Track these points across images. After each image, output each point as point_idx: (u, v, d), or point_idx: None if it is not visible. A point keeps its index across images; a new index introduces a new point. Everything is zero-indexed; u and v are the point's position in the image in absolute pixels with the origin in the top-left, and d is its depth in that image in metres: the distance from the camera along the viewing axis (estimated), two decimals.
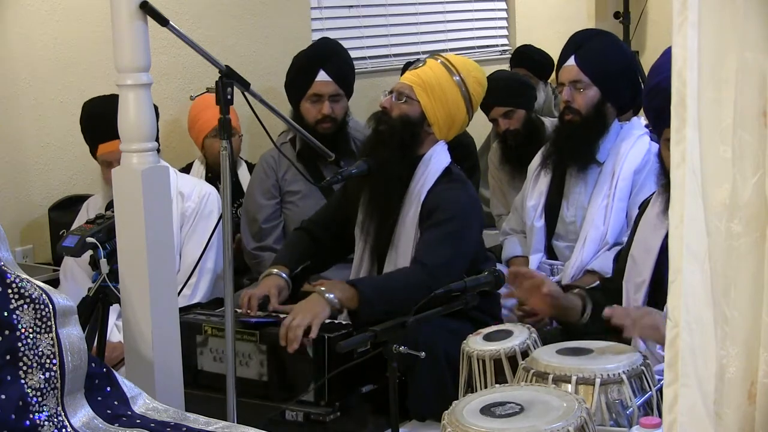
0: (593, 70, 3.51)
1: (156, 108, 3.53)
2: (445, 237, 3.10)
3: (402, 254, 3.18)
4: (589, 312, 2.79)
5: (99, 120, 3.34)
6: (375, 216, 3.25)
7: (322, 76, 3.85)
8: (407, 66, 4.83)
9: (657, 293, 2.71)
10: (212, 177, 4.19)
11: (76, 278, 3.44)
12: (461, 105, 3.25)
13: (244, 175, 4.27)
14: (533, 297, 2.78)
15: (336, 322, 2.99)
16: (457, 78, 3.24)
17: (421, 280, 2.97)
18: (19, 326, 2.12)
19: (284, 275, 3.19)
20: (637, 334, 2.56)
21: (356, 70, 4.09)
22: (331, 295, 2.91)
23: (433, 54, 3.42)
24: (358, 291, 2.95)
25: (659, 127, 2.76)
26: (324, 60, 3.89)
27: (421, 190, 3.19)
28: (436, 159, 3.24)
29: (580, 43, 3.59)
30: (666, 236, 1.64)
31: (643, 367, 2.34)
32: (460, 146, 4.74)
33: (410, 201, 3.21)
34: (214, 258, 3.45)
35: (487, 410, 2.09)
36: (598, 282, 3.16)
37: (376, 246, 3.25)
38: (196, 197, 3.52)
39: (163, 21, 2.49)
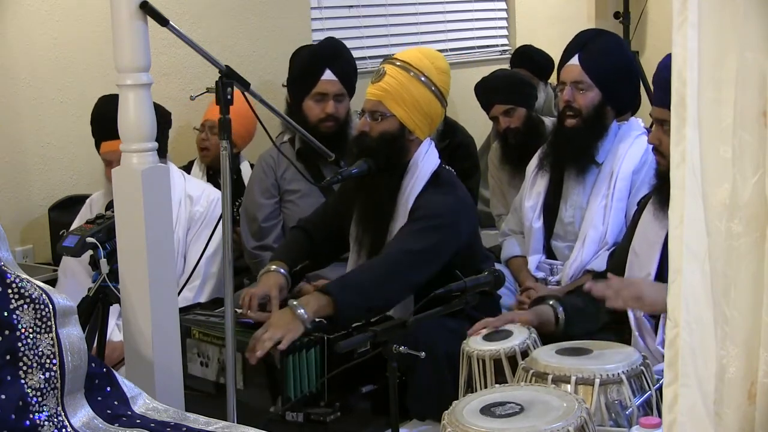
0: (596, 71, 3.51)
1: (169, 114, 3.56)
2: (415, 230, 3.07)
3: None
4: (563, 320, 2.79)
5: (104, 118, 3.35)
6: (368, 230, 3.24)
7: (328, 75, 3.85)
8: None
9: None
10: (213, 174, 4.20)
11: (76, 276, 3.43)
12: (434, 102, 3.20)
13: (246, 172, 4.28)
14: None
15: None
16: (423, 78, 3.16)
17: (389, 265, 2.97)
18: (19, 326, 2.12)
19: (283, 271, 3.18)
20: (621, 304, 2.58)
21: (357, 70, 4.09)
22: (301, 310, 2.83)
23: (387, 59, 3.31)
24: (331, 296, 2.89)
25: (655, 103, 2.78)
26: (331, 59, 3.89)
27: (409, 198, 3.18)
28: (424, 162, 3.21)
29: (583, 43, 3.58)
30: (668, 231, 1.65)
31: (642, 367, 2.34)
32: (461, 146, 4.74)
33: (400, 209, 3.19)
34: (219, 262, 3.43)
35: (487, 410, 2.09)
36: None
37: (371, 257, 3.24)
38: (204, 201, 3.51)
39: (163, 21, 2.49)
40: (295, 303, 2.86)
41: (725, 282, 1.55)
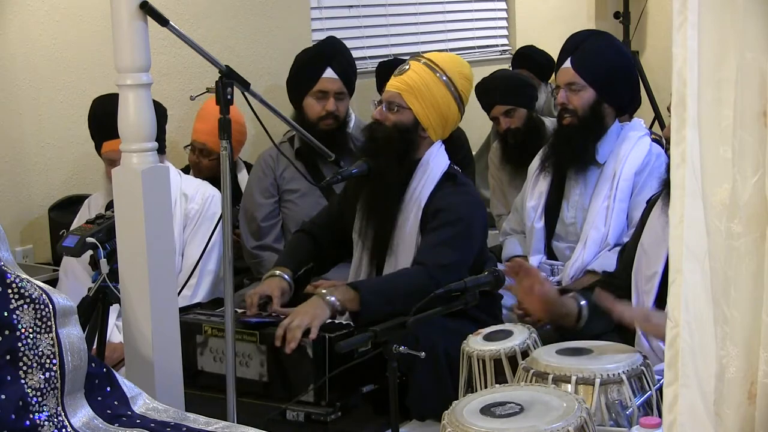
0: (589, 71, 3.50)
1: (165, 109, 3.57)
2: (448, 239, 3.09)
3: (402, 259, 3.17)
4: (586, 315, 2.78)
5: (104, 117, 3.34)
6: (372, 221, 3.24)
7: (329, 73, 3.88)
8: (380, 67, 4.82)
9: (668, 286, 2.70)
10: (209, 180, 4.17)
11: (77, 275, 3.43)
12: (452, 104, 3.23)
13: (244, 179, 4.27)
14: (529, 297, 2.77)
15: (336, 322, 2.99)
16: (445, 78, 3.20)
17: (422, 281, 2.96)
18: (19, 326, 2.12)
19: (287, 277, 3.19)
20: (627, 315, 2.51)
21: (357, 70, 4.10)
22: (332, 298, 2.91)
23: (414, 55, 3.37)
24: (359, 293, 2.94)
25: None
26: (332, 58, 3.92)
27: (420, 195, 3.19)
28: (434, 162, 3.23)
29: (576, 45, 3.58)
30: None
31: (642, 367, 2.34)
32: (450, 139, 4.73)
33: (409, 206, 3.19)
34: (216, 259, 3.44)
35: (487, 410, 2.09)
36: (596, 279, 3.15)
37: (375, 251, 3.24)
38: (199, 199, 3.51)
39: (163, 21, 2.49)
40: (323, 291, 2.93)
41: (725, 282, 1.55)
